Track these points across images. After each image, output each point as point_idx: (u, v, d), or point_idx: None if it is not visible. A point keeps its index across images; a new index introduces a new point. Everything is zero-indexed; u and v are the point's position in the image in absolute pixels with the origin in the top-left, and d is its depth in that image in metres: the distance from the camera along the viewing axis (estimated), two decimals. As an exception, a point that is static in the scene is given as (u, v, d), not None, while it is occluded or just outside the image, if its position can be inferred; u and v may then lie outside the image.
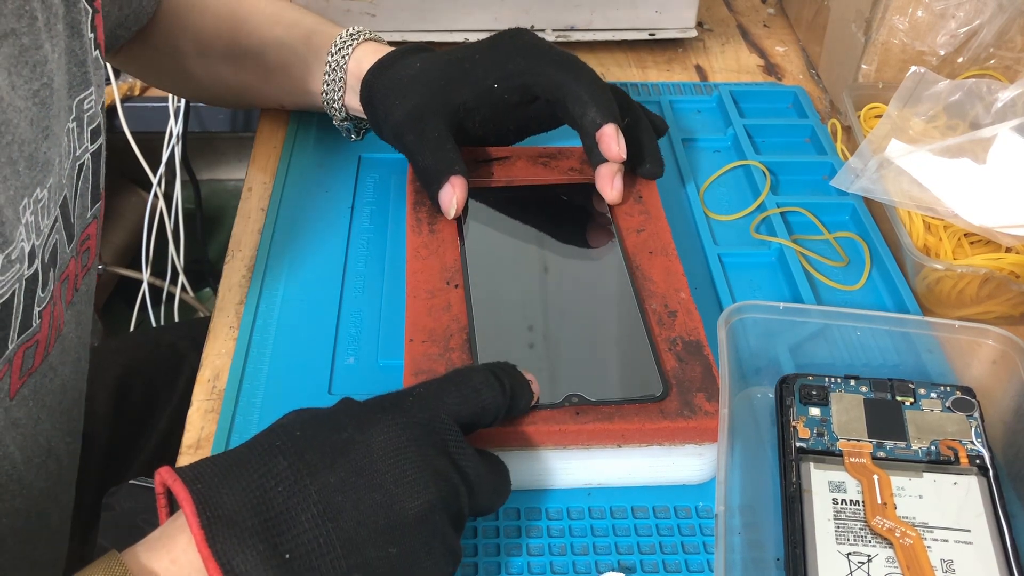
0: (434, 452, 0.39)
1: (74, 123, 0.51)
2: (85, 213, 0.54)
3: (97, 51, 0.53)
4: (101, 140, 0.55)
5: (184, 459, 0.50)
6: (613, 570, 0.45)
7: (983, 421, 0.50)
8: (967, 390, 0.51)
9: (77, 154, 0.52)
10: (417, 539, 0.38)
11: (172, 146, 1.42)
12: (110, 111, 1.37)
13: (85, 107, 0.52)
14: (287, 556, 0.36)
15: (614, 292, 0.54)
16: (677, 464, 0.48)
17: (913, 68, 0.68)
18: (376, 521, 0.37)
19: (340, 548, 0.37)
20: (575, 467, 0.48)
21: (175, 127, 1.41)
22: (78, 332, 0.56)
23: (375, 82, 0.62)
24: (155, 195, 1.45)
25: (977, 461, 0.48)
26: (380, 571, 0.37)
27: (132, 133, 1.39)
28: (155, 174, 1.43)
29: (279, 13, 0.69)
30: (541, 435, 0.46)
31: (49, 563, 0.38)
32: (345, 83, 0.66)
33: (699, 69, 0.84)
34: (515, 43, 0.61)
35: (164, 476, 0.38)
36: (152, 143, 1.43)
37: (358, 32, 0.66)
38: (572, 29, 0.85)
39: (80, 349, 0.57)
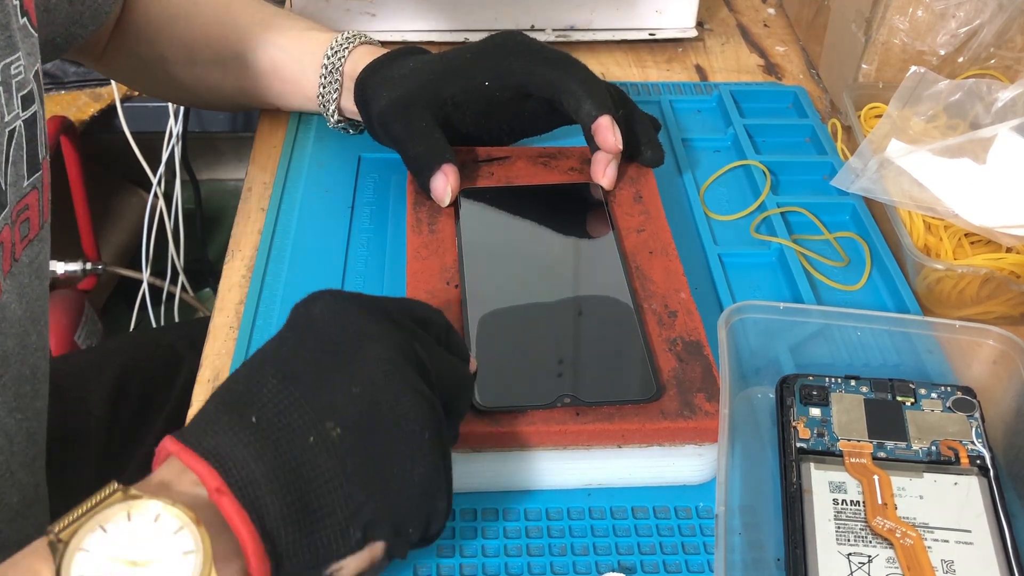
0: (380, 314, 0.41)
1: (0, 88, 0.51)
2: (21, 182, 0.53)
3: (26, 19, 0.53)
4: (35, 108, 0.54)
5: (184, 459, 0.50)
6: (613, 570, 0.45)
7: (984, 421, 0.50)
8: (968, 390, 0.51)
9: (7, 119, 0.51)
10: (376, 377, 0.38)
11: (172, 146, 1.42)
12: (110, 111, 1.37)
13: (12, 72, 0.52)
14: (254, 419, 0.37)
15: (612, 293, 0.54)
16: (677, 464, 0.48)
17: (913, 68, 0.68)
18: (331, 367, 0.39)
19: (304, 401, 0.38)
20: (575, 467, 0.48)
21: (175, 127, 1.41)
22: (24, 306, 0.55)
23: (368, 81, 0.63)
24: (155, 195, 1.45)
25: (978, 461, 0.48)
26: (351, 413, 0.38)
27: (132, 133, 1.39)
28: (155, 174, 1.43)
29: (270, 19, 0.70)
30: (541, 435, 0.46)
31: (14, 544, 0.36)
32: (341, 85, 0.66)
33: (699, 69, 0.84)
34: (508, 44, 0.62)
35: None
36: (152, 143, 1.43)
37: (354, 36, 0.67)
38: (572, 29, 0.85)
39: (28, 324, 0.56)
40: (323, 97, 0.67)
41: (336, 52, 0.66)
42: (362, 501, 0.37)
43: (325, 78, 0.66)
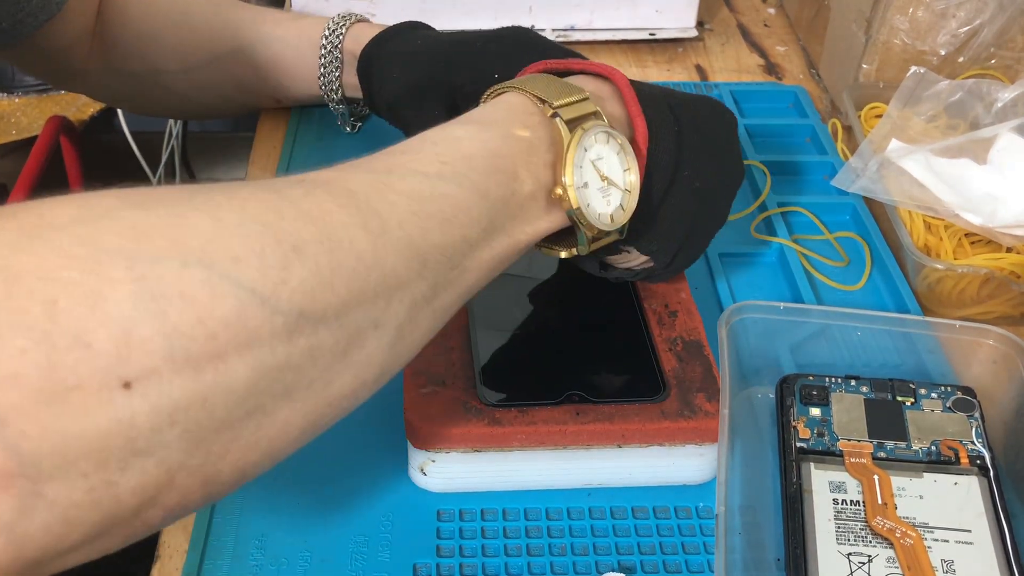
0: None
1: None
2: None
3: None
4: None
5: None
6: (613, 570, 0.45)
7: (984, 421, 0.50)
8: (968, 390, 0.51)
9: None
10: (731, 156, 0.51)
11: (172, 146, 1.42)
12: (109, 111, 1.37)
13: None
14: (676, 128, 0.47)
15: (614, 292, 0.54)
16: (677, 464, 0.48)
17: (913, 68, 0.68)
18: (715, 159, 0.50)
19: (699, 159, 0.48)
20: (575, 467, 0.48)
21: (175, 126, 1.41)
22: None
23: (375, 53, 0.63)
24: (155, 195, 1.44)
25: (978, 461, 0.48)
26: (711, 182, 0.49)
27: (132, 133, 1.39)
28: (154, 174, 1.43)
29: (261, 15, 0.70)
30: (541, 435, 0.46)
31: None
32: (342, 62, 0.66)
33: (699, 69, 0.84)
34: (519, 38, 0.62)
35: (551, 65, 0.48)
36: (151, 143, 1.43)
37: (350, 14, 0.67)
38: (572, 29, 0.84)
39: None
40: (324, 77, 0.67)
41: (334, 31, 0.66)
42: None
43: (324, 58, 0.66)
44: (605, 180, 0.43)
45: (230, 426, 0.30)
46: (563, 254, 0.45)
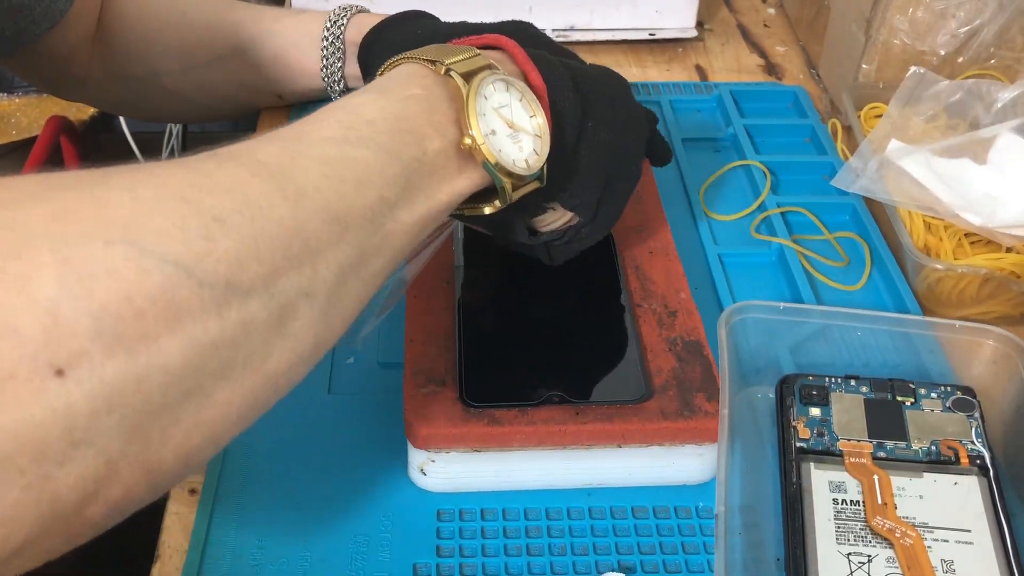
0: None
1: None
2: None
3: None
4: None
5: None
6: (613, 570, 0.45)
7: (983, 421, 0.50)
8: (967, 390, 0.51)
9: None
10: (631, 112, 0.51)
11: (172, 145, 1.42)
12: (110, 111, 1.37)
13: None
14: (573, 83, 0.48)
15: (607, 292, 0.54)
16: (677, 464, 0.48)
17: (913, 68, 0.68)
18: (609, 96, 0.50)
19: (601, 112, 0.49)
20: (575, 467, 0.48)
21: (174, 126, 1.41)
22: None
23: (375, 41, 0.63)
24: (155, 195, 1.44)
25: (977, 461, 0.48)
26: (614, 131, 0.49)
27: (132, 133, 1.39)
28: (155, 174, 1.43)
29: (260, 12, 0.70)
30: (541, 435, 0.46)
31: None
32: (344, 52, 0.67)
33: (699, 69, 0.84)
34: (518, 34, 0.62)
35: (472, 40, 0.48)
36: (151, 143, 1.43)
37: (351, 6, 0.67)
38: (572, 29, 0.84)
39: None
40: (326, 69, 0.67)
41: (335, 23, 0.67)
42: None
43: (327, 49, 0.67)
44: (512, 127, 0.44)
45: (168, 409, 0.29)
46: (487, 210, 0.45)
